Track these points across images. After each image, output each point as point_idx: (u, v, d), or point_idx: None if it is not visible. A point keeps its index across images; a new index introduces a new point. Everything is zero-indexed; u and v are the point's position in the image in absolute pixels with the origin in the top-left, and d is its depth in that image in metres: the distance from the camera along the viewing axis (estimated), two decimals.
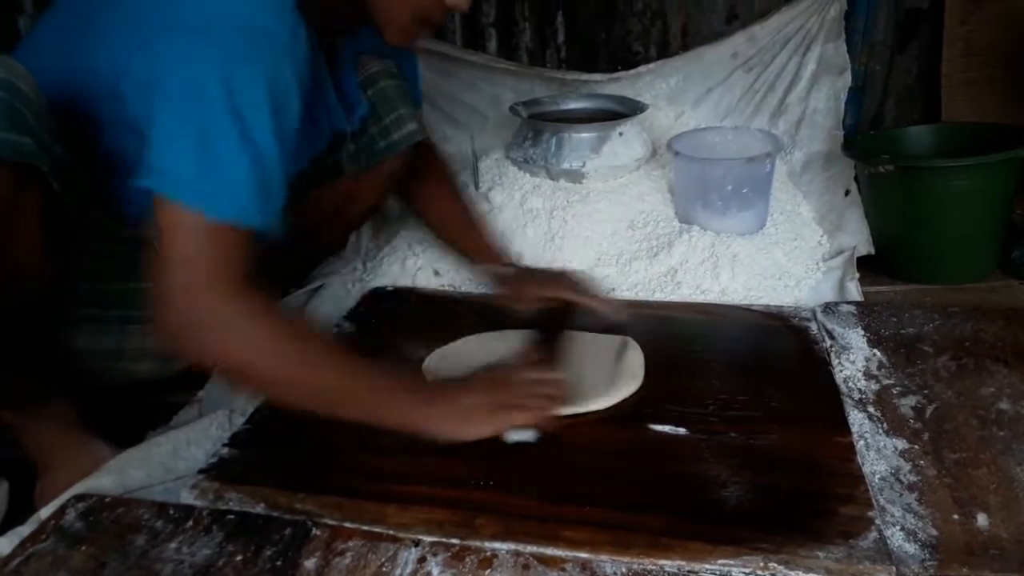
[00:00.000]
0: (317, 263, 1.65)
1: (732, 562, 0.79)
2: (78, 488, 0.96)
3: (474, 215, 1.39)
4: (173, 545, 0.83)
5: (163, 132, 0.85)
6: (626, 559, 0.80)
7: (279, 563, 0.81)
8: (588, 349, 1.17)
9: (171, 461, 1.02)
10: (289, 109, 0.91)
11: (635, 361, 1.13)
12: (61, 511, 0.89)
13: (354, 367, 0.94)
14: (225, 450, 0.98)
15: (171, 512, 0.88)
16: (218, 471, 0.95)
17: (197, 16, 0.86)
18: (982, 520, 0.83)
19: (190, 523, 0.87)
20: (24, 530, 0.91)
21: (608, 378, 1.09)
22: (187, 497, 0.91)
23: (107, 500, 0.91)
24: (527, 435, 0.96)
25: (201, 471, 0.95)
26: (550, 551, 0.81)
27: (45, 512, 0.92)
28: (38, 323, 1.04)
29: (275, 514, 0.88)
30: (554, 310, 1.24)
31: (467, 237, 1.35)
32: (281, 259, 1.35)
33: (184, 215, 0.84)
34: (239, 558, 0.81)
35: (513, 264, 1.33)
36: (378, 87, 1.27)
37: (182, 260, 0.85)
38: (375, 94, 1.26)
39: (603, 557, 0.80)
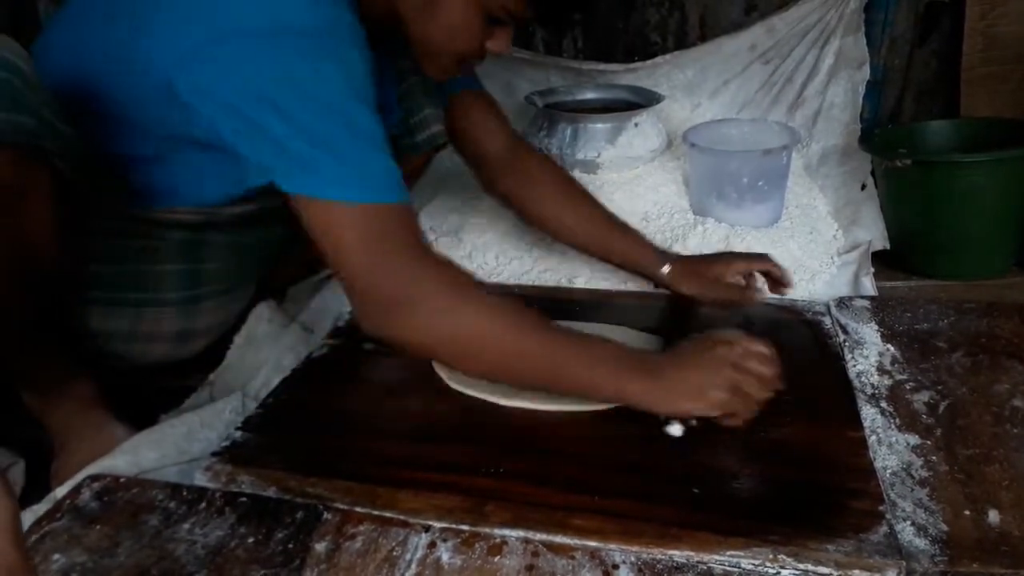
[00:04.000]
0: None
1: (741, 553, 0.79)
2: (93, 468, 0.97)
3: (608, 213, 1.34)
4: (186, 526, 0.84)
5: (272, 135, 0.86)
6: (635, 548, 0.80)
7: (290, 546, 0.81)
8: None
9: (185, 443, 1.03)
10: (367, 88, 0.92)
11: None
12: (76, 490, 0.90)
13: (571, 337, 0.95)
14: (238, 433, 0.99)
15: (184, 493, 0.89)
16: (231, 454, 0.95)
17: (260, 22, 0.86)
18: (993, 516, 0.83)
19: (203, 505, 0.87)
20: (40, 508, 0.92)
21: None
22: (200, 479, 0.92)
23: (121, 480, 0.92)
24: (680, 430, 0.96)
25: (214, 454, 0.96)
26: (559, 539, 0.82)
27: (60, 491, 0.93)
28: (54, 305, 1.05)
29: (287, 497, 0.89)
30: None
31: (614, 242, 1.31)
32: (302, 254, 1.34)
33: (337, 209, 0.86)
34: (251, 540, 0.82)
35: (676, 258, 1.30)
36: (406, 84, 1.24)
37: (357, 251, 0.87)
38: (402, 92, 1.23)
39: (612, 546, 0.80)
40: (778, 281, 1.25)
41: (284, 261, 1.37)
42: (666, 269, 1.27)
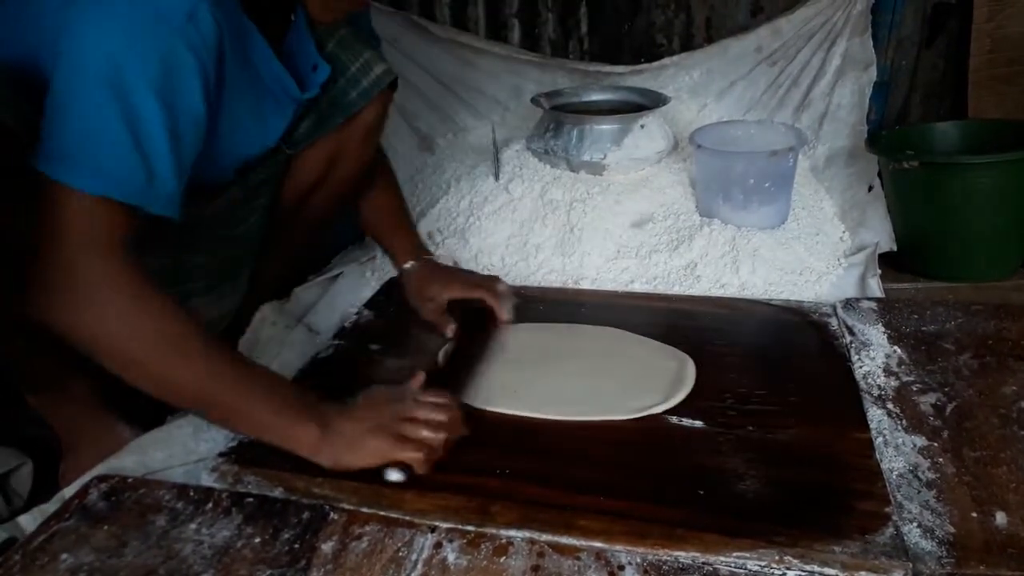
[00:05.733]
0: (332, 248, 1.65)
1: (748, 555, 0.78)
2: (101, 468, 0.97)
3: (396, 203, 1.37)
4: (193, 526, 0.85)
5: (49, 105, 0.83)
6: (641, 550, 0.80)
7: (296, 546, 0.82)
8: (645, 358, 1.16)
9: (192, 443, 1.03)
10: (184, 91, 0.87)
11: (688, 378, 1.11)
12: (84, 491, 0.90)
13: (248, 372, 0.92)
14: None
15: (191, 494, 0.90)
16: (237, 454, 0.96)
17: None
18: (1000, 519, 0.83)
19: (209, 505, 0.88)
20: (48, 508, 0.92)
21: (663, 392, 1.07)
22: (207, 479, 0.93)
23: (129, 481, 0.93)
24: (399, 475, 0.91)
25: (221, 454, 0.96)
26: (565, 540, 0.82)
27: (69, 491, 0.94)
28: None
29: (293, 498, 0.89)
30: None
31: (388, 229, 1.34)
32: (285, 241, 1.34)
33: (56, 188, 0.83)
34: (257, 540, 0.82)
35: (426, 262, 1.31)
36: (338, 36, 1.19)
37: (57, 232, 0.83)
38: (336, 45, 1.19)
39: (618, 547, 0.80)
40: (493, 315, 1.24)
41: (270, 256, 1.35)
42: (407, 265, 1.30)
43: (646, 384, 1.08)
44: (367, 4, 1.20)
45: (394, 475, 0.90)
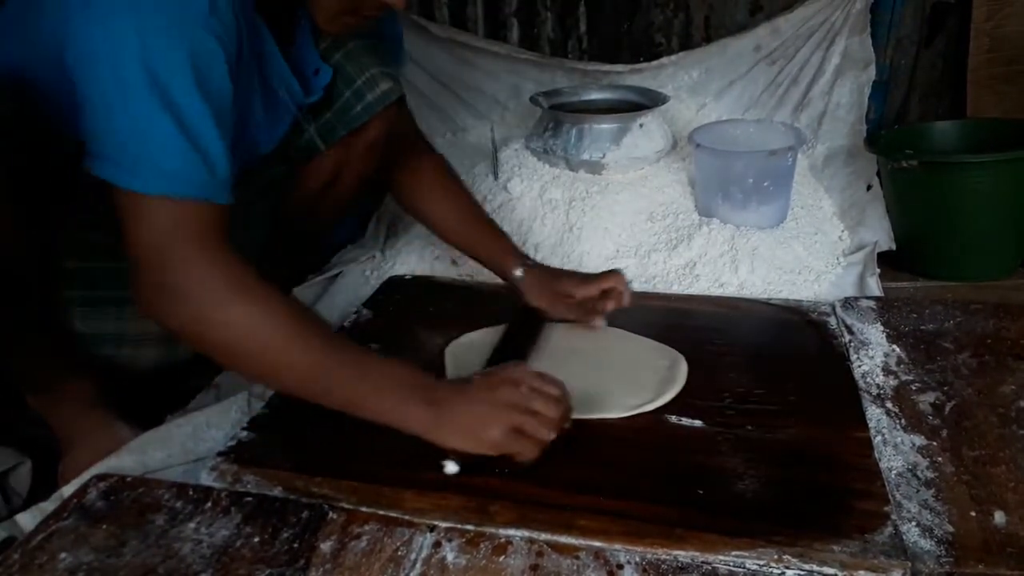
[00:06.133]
0: (332, 248, 1.65)
1: (746, 554, 0.78)
2: (100, 467, 0.97)
3: (480, 211, 1.34)
4: (192, 525, 0.85)
5: (91, 113, 0.84)
6: (640, 549, 0.80)
7: (296, 545, 0.81)
8: (638, 356, 1.16)
9: (191, 443, 1.03)
10: (216, 79, 0.88)
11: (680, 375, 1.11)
12: (83, 490, 0.90)
13: (356, 355, 0.92)
14: (244, 433, 0.99)
15: (190, 493, 0.90)
16: (237, 454, 0.96)
17: None
18: (999, 518, 0.83)
19: (209, 504, 0.88)
20: (47, 507, 0.92)
21: (654, 390, 1.07)
22: (206, 479, 0.93)
23: (128, 480, 0.93)
24: (456, 468, 0.90)
25: (220, 453, 0.96)
26: (564, 539, 0.82)
27: (67, 490, 0.94)
28: (36, 304, 1.03)
29: (292, 497, 0.89)
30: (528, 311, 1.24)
31: (479, 239, 1.30)
32: (285, 250, 1.33)
33: (128, 196, 0.84)
34: (256, 539, 0.82)
35: (533, 265, 1.28)
36: (346, 49, 1.19)
37: (144, 240, 0.85)
38: (343, 56, 1.19)
39: (617, 546, 0.81)
40: (618, 301, 1.22)
41: (269, 264, 1.34)
42: (519, 273, 1.26)
43: (638, 382, 1.08)
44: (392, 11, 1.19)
45: (452, 467, 0.90)
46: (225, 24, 0.88)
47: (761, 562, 0.78)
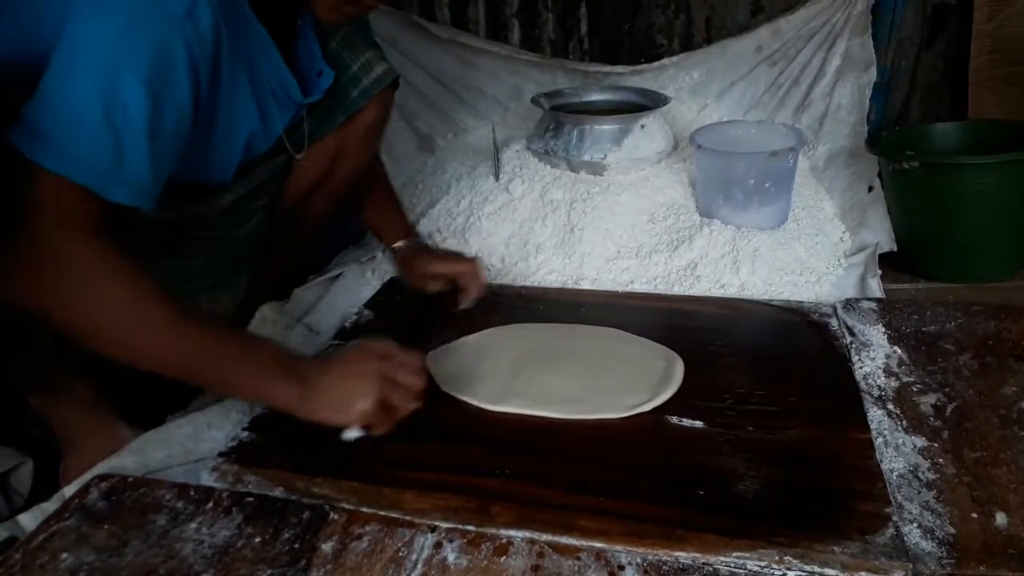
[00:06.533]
0: (332, 248, 1.65)
1: (747, 555, 0.78)
2: (101, 468, 0.98)
3: (387, 188, 1.44)
4: (193, 525, 0.85)
5: (41, 88, 0.83)
6: (641, 550, 0.80)
7: (297, 546, 0.82)
8: (634, 357, 1.16)
9: (192, 443, 1.04)
10: (175, 81, 0.86)
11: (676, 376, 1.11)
12: (84, 490, 0.90)
13: (223, 332, 0.92)
14: (245, 434, 1.00)
15: (191, 493, 0.90)
16: (238, 454, 0.96)
17: None
18: (1001, 519, 0.83)
19: (210, 504, 0.88)
20: (48, 507, 0.92)
21: (651, 390, 1.07)
22: (207, 479, 0.93)
23: (129, 480, 0.93)
24: (359, 433, 0.93)
25: (221, 454, 0.96)
26: (565, 540, 0.82)
27: (69, 491, 0.94)
28: None
29: (293, 497, 0.89)
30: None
31: (376, 211, 1.41)
32: (286, 242, 1.34)
33: (32, 169, 0.82)
34: (257, 540, 0.82)
35: (413, 241, 1.39)
36: (340, 35, 1.20)
37: (28, 210, 0.83)
38: (338, 43, 1.20)
39: (618, 547, 0.81)
40: (465, 290, 1.32)
41: (270, 256, 1.35)
42: (397, 245, 1.39)
43: (635, 383, 1.08)
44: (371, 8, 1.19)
45: (354, 433, 0.93)
46: (201, 30, 0.86)
47: (762, 563, 0.78)
